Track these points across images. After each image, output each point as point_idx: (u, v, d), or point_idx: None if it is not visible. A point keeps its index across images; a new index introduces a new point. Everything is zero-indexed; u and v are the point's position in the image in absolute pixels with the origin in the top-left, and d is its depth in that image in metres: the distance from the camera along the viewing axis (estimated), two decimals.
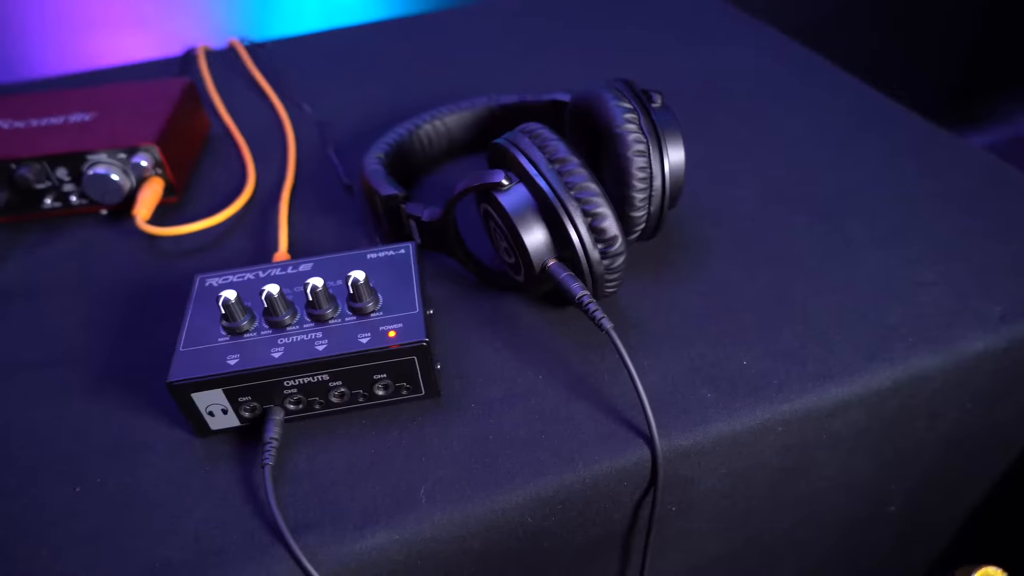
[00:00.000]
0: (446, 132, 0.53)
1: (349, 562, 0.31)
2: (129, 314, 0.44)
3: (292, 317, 0.36)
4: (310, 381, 0.35)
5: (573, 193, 0.36)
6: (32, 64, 1.16)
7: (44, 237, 0.51)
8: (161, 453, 0.36)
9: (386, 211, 0.44)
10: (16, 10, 1.15)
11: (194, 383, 0.34)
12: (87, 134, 0.51)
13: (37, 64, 1.17)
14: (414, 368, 0.35)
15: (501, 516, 0.33)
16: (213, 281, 0.39)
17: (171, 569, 0.31)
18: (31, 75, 0.74)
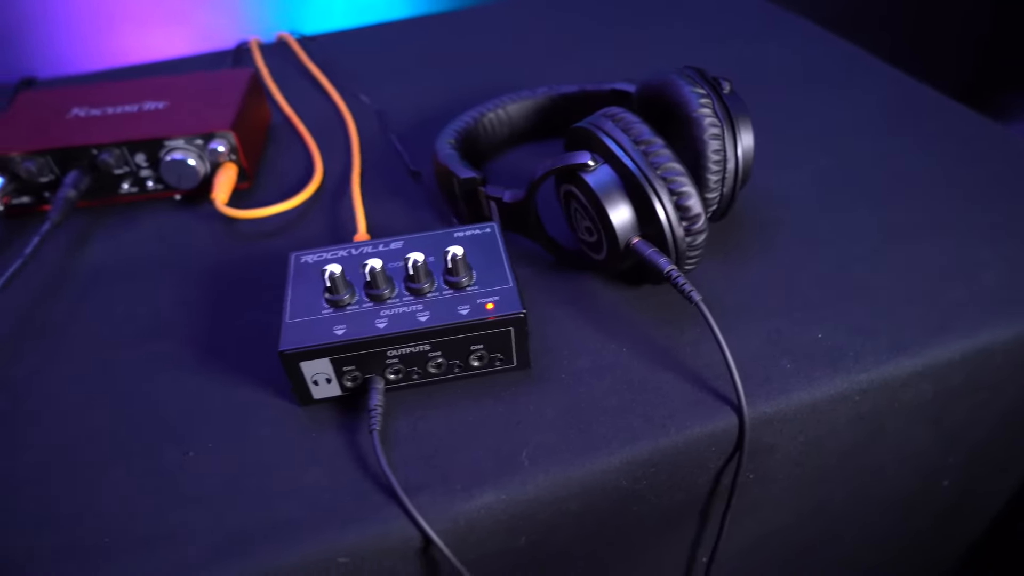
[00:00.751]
0: (508, 120, 0.55)
1: (459, 520, 0.33)
2: (217, 292, 0.45)
3: (391, 291, 0.37)
4: (411, 351, 0.36)
5: (659, 173, 0.38)
6: (63, 61, 1.18)
7: (123, 221, 0.52)
8: (267, 421, 0.37)
9: (463, 193, 0.46)
10: (47, 8, 1.17)
11: (303, 352, 0.35)
12: (164, 121, 0.52)
13: (67, 61, 1.18)
14: (509, 340, 0.37)
15: (599, 478, 0.35)
16: (308, 258, 0.40)
17: (291, 527, 0.32)
18: (61, 72, 0.75)
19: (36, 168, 0.51)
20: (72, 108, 0.55)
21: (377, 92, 0.66)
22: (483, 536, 0.34)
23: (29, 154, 0.50)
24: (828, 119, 0.57)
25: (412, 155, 0.57)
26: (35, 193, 0.52)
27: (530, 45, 0.73)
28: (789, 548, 0.48)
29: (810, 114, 0.58)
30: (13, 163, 0.51)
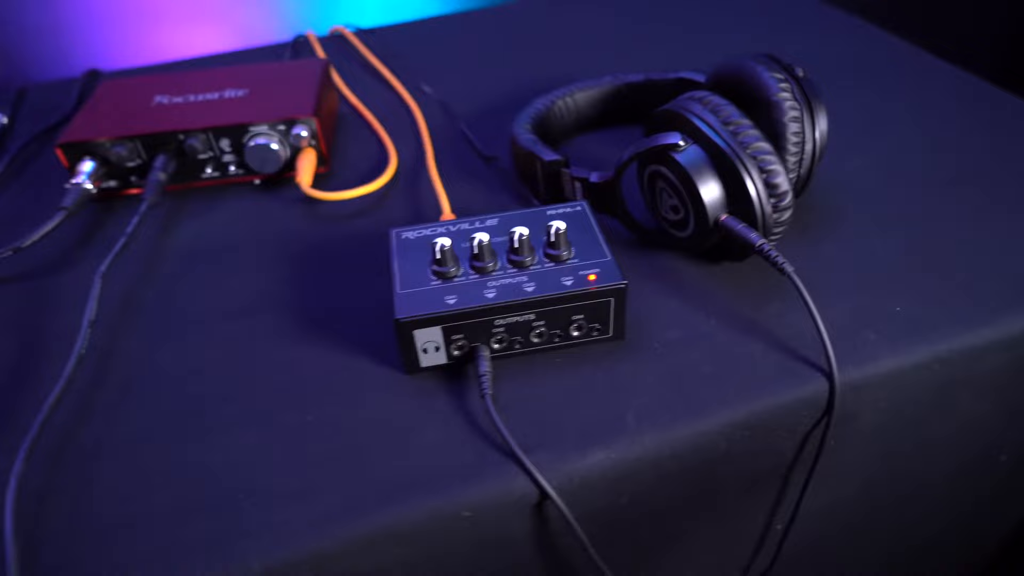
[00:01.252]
0: (575, 108, 0.57)
1: (573, 477, 0.35)
2: (308, 270, 0.47)
3: (495, 264, 0.39)
4: (517, 320, 0.38)
5: (748, 152, 0.40)
6: (104, 57, 1.19)
7: (206, 205, 0.54)
8: (377, 387, 0.39)
9: (545, 175, 0.48)
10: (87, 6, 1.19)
11: (417, 320, 0.37)
12: (247, 108, 0.54)
13: (108, 57, 1.20)
14: (608, 310, 0.39)
15: (697, 440, 0.37)
16: (409, 234, 0.42)
17: (416, 485, 0.34)
18: (102, 68, 0.77)
19: (126, 153, 0.52)
20: (155, 96, 0.56)
21: (435, 83, 0.68)
22: (591, 494, 0.36)
23: (119, 139, 0.52)
24: (879, 109, 0.59)
25: (483, 142, 0.59)
26: (122, 177, 0.54)
27: (574, 40, 0.74)
28: (852, 516, 0.50)
29: (861, 105, 0.60)
30: (103, 148, 0.52)
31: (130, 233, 0.47)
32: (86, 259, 0.49)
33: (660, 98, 0.56)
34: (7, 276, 0.48)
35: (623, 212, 0.46)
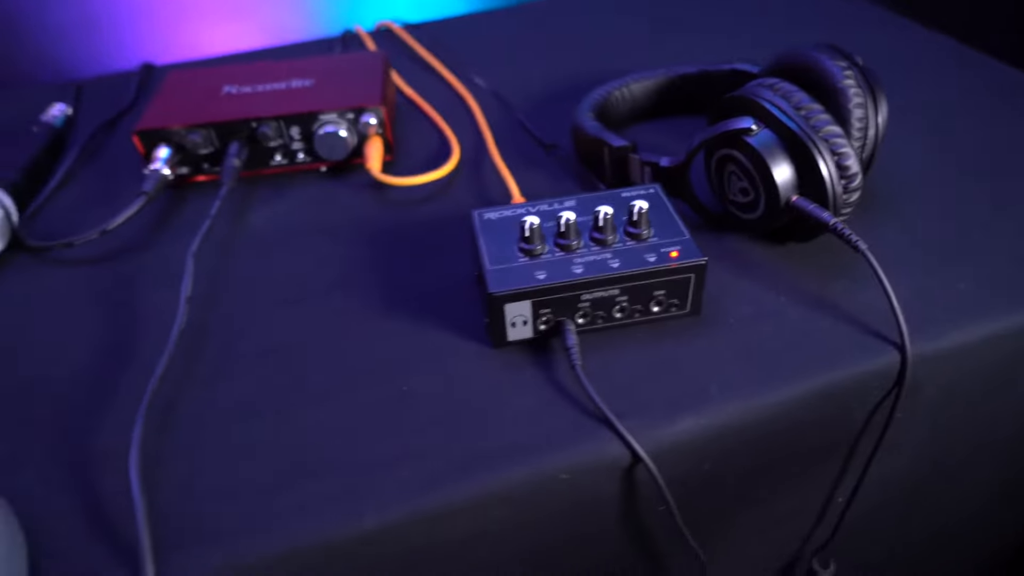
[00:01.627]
0: (631, 98, 0.58)
1: (664, 443, 0.37)
2: (383, 251, 0.49)
3: (579, 242, 0.41)
4: (602, 296, 0.40)
5: (820, 135, 0.41)
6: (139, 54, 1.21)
7: (277, 191, 0.56)
8: (466, 360, 0.41)
9: (613, 161, 0.49)
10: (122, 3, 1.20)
11: (509, 295, 0.39)
12: (316, 97, 0.56)
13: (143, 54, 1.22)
14: (688, 286, 0.41)
15: (776, 410, 0.39)
16: (491, 215, 0.44)
17: (517, 450, 0.36)
18: (125, 65, 0.78)
19: (200, 140, 0.54)
20: (224, 86, 0.58)
21: (484, 76, 0.69)
22: (677, 459, 0.38)
23: (193, 127, 0.54)
24: (922, 102, 0.61)
25: (540, 131, 0.60)
26: (194, 164, 0.56)
27: (605, 34, 0.76)
28: (903, 490, 0.52)
29: (905, 96, 0.62)
30: (178, 135, 0.54)
31: (214, 215, 0.49)
32: (165, 241, 0.51)
33: (713, 89, 0.58)
34: (95, 257, 0.50)
35: (691, 195, 0.48)
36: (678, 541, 0.42)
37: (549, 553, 0.39)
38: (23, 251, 0.51)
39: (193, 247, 0.46)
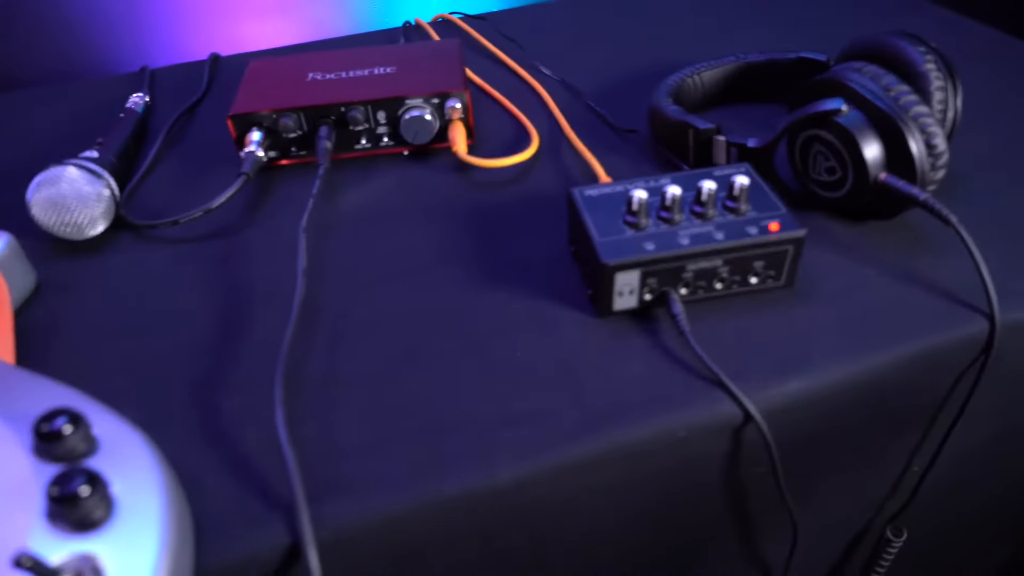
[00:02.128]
0: (701, 85, 0.61)
1: (774, 403, 0.39)
2: (479, 228, 0.51)
3: (680, 216, 0.43)
4: (705, 267, 0.42)
5: (910, 115, 0.44)
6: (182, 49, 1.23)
7: (363, 173, 0.58)
8: (574, 328, 0.43)
9: (698, 143, 0.51)
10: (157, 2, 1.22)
11: (621, 265, 0.41)
12: (400, 83, 0.58)
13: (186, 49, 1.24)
14: (785, 258, 0.43)
15: (870, 374, 0.41)
16: (591, 192, 0.46)
17: (634, 407, 0.38)
18: (180, 60, 0.80)
19: (291, 123, 0.56)
20: (308, 73, 0.60)
21: (549, 65, 0.71)
22: (785, 420, 0.40)
23: (285, 111, 0.56)
24: (973, 90, 0.63)
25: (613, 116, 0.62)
26: (281, 148, 0.58)
27: (652, 23, 0.78)
28: (977, 461, 0.54)
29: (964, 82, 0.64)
30: (269, 119, 0.56)
31: (315, 194, 0.51)
32: (262, 220, 0.53)
33: (781, 77, 0.60)
34: (200, 235, 0.52)
35: (773, 175, 0.50)
36: (771, 502, 0.44)
37: (653, 510, 0.41)
38: (126, 229, 0.53)
39: (303, 223, 0.48)
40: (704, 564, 0.48)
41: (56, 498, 0.29)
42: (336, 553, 0.34)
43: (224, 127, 0.65)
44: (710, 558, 0.47)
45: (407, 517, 0.35)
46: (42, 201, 0.49)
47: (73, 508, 0.29)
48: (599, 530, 0.41)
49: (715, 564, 0.48)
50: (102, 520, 0.30)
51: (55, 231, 0.50)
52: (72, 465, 0.31)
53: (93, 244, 0.52)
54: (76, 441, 0.32)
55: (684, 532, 0.44)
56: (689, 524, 0.44)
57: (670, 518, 0.42)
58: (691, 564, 0.47)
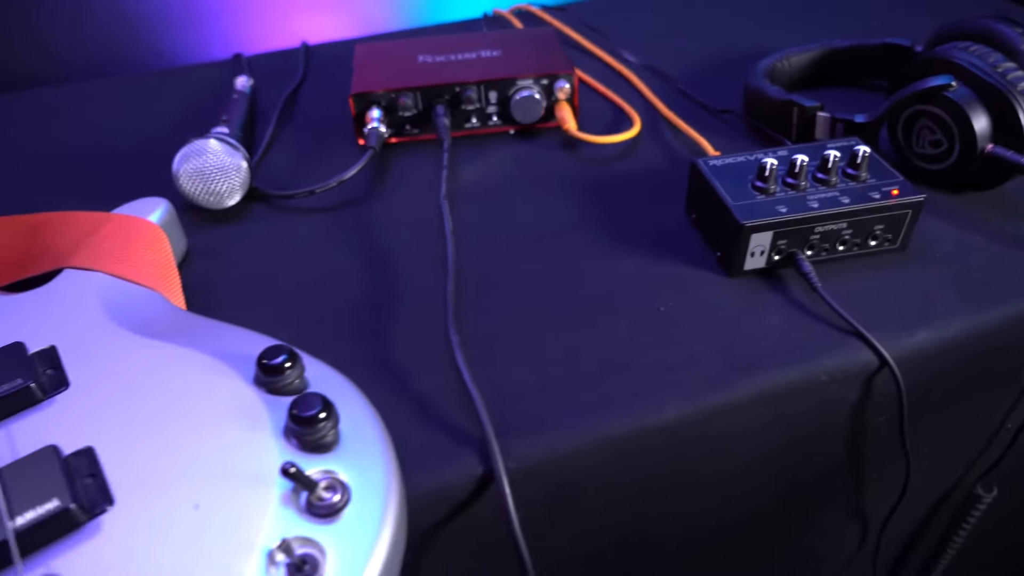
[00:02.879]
0: (789, 69, 0.64)
1: (905, 353, 0.42)
2: (596, 200, 0.54)
3: (805, 183, 0.46)
4: (831, 229, 0.45)
5: (1019, 89, 0.47)
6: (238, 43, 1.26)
7: (476, 150, 0.61)
8: (708, 286, 0.46)
9: (802, 120, 0.55)
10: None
11: (756, 226, 0.44)
12: (509, 65, 0.61)
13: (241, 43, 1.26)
14: (904, 222, 0.46)
15: (987, 331, 0.44)
16: (715, 163, 0.49)
17: (777, 355, 0.41)
18: (221, 55, 0.83)
19: (409, 102, 0.59)
20: (418, 56, 0.63)
21: (631, 52, 0.75)
22: (912, 369, 0.43)
23: (403, 90, 0.59)
24: None
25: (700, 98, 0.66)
26: (396, 126, 0.61)
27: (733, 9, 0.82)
28: None
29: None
30: (388, 98, 0.59)
31: (446, 166, 0.54)
32: (388, 192, 0.56)
33: (866, 62, 0.64)
34: (330, 206, 0.55)
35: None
36: (882, 454, 0.48)
37: (781, 456, 0.45)
38: (258, 200, 0.56)
39: (443, 191, 0.51)
40: (809, 515, 0.51)
41: (297, 418, 0.32)
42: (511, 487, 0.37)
43: (328, 107, 0.68)
44: (816, 509, 0.50)
45: (578, 454, 0.38)
46: (190, 171, 0.53)
47: (311, 430, 0.32)
48: (734, 476, 0.44)
49: (819, 515, 0.51)
50: (332, 445, 0.33)
51: (198, 200, 0.53)
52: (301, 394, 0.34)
53: (230, 213, 0.55)
54: (293, 377, 0.35)
55: (802, 479, 0.47)
56: (808, 472, 0.47)
57: (794, 465, 0.45)
58: (797, 515, 0.50)
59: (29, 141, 0.66)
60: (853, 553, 0.55)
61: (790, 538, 0.51)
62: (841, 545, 0.54)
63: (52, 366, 0.36)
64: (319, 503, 0.30)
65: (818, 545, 0.53)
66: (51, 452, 0.31)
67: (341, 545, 0.29)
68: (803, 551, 0.53)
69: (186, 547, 0.28)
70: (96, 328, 0.39)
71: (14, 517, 0.28)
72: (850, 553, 0.55)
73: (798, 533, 0.51)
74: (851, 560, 0.55)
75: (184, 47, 1.28)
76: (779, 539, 0.50)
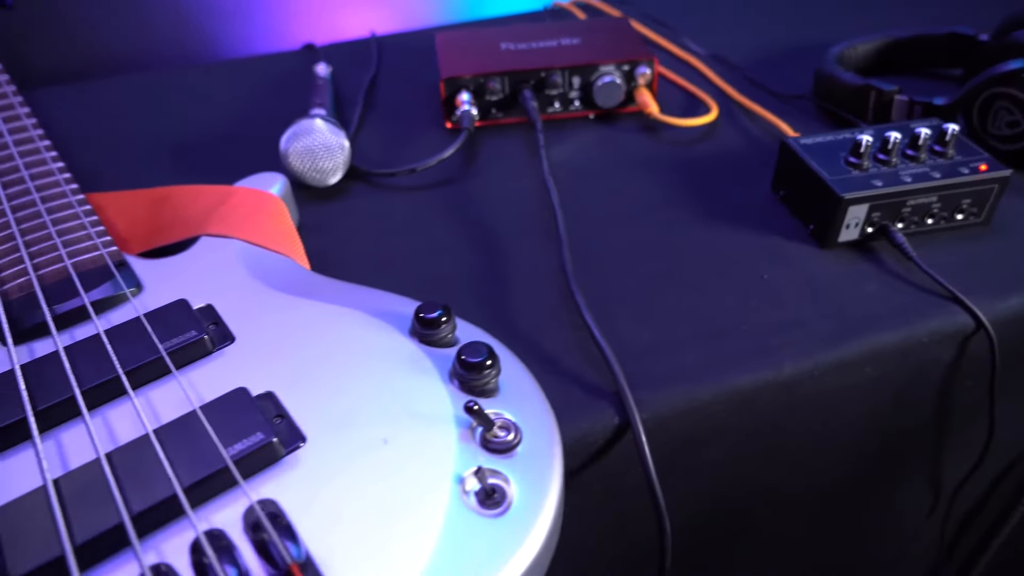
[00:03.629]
0: (855, 57, 0.67)
1: (999, 317, 0.44)
2: (685, 179, 0.57)
3: (896, 159, 0.49)
4: (922, 202, 0.48)
5: None
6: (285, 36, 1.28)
7: (560, 134, 0.63)
8: (804, 257, 0.49)
9: (879, 104, 0.57)
10: None
11: (855, 199, 0.47)
12: (591, 51, 0.64)
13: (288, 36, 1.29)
14: (990, 196, 0.49)
15: None
16: (806, 141, 0.52)
17: (880, 318, 0.44)
18: (285, 47, 0.86)
19: (498, 86, 0.62)
20: (500, 43, 0.66)
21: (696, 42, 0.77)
22: (1004, 333, 0.45)
23: (492, 75, 0.62)
24: None
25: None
26: (482, 110, 0.63)
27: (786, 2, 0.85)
28: None
29: None
30: (477, 83, 0.62)
31: (543, 147, 0.56)
32: (481, 171, 0.59)
33: (930, 50, 0.67)
34: (426, 184, 0.58)
35: None
36: (966, 418, 0.50)
37: (878, 414, 0.47)
38: (357, 179, 0.59)
39: (546, 168, 0.54)
40: (889, 480, 0.53)
41: (465, 364, 0.34)
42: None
43: (404, 93, 0.71)
44: (895, 471, 0.53)
45: (703, 406, 0.41)
46: (299, 150, 0.55)
47: (478, 375, 0.34)
48: (835, 431, 0.46)
49: (898, 479, 0.53)
50: (494, 392, 0.35)
51: (304, 178, 0.56)
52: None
53: (332, 191, 0.57)
54: (447, 331, 0.37)
55: (892, 438, 0.50)
56: (897, 432, 0.49)
57: (888, 424, 0.48)
58: (885, 473, 0.52)
59: (122, 124, 0.69)
60: (927, 513, 0.58)
61: (877, 492, 0.53)
62: (917, 505, 0.57)
63: (214, 322, 0.39)
64: (494, 440, 0.32)
65: (899, 503, 0.55)
66: (243, 393, 0.33)
67: (522, 477, 0.31)
68: (884, 509, 0.55)
69: (383, 475, 0.31)
70: (246, 288, 0.41)
71: (227, 448, 0.30)
72: (925, 513, 0.58)
73: (884, 489, 0.53)
74: (928, 515, 0.58)
75: (230, 40, 1.31)
76: (866, 494, 0.53)
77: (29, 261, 0.41)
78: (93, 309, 0.39)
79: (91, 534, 0.28)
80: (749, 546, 0.52)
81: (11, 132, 0.53)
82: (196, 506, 0.29)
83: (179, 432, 0.31)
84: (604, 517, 0.43)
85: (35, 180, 0.48)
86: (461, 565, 0.28)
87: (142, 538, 0.28)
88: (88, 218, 0.45)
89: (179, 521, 0.29)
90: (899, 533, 0.58)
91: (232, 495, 0.30)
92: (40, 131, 0.54)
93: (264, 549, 0.27)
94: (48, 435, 0.33)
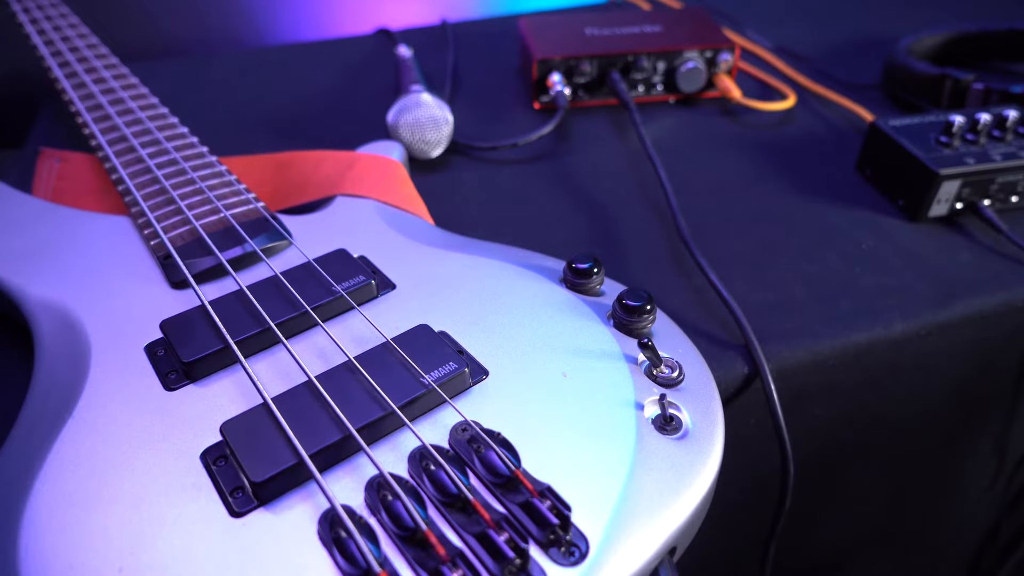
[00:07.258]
0: (920, 49, 0.70)
1: None
2: (768, 158, 0.60)
3: (985, 139, 0.52)
4: (1009, 180, 0.51)
5: None
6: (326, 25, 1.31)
7: (645, 116, 0.66)
8: (896, 230, 0.52)
9: (954, 91, 0.61)
10: None
11: (949, 175, 0.50)
12: (674, 38, 0.67)
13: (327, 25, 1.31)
14: None
15: None
16: (895, 123, 0.55)
17: (978, 283, 0.47)
18: (329, 35, 0.89)
19: (588, 69, 0.65)
20: (585, 28, 0.69)
21: (760, 34, 0.81)
22: None
23: (584, 57, 0.64)
24: None
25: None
26: (571, 91, 0.66)
27: None
28: None
29: None
30: (568, 64, 0.65)
31: (640, 123, 0.59)
32: (570, 150, 0.62)
33: (993, 45, 0.70)
34: (524, 159, 0.60)
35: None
36: None
37: (974, 373, 0.50)
38: (456, 153, 0.61)
39: (648, 143, 0.57)
40: (963, 444, 0.56)
41: (627, 307, 0.37)
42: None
43: (488, 76, 0.73)
44: (968, 438, 0.56)
45: (823, 360, 0.43)
46: (409, 122, 0.58)
47: (638, 319, 0.37)
48: (932, 388, 0.49)
49: (971, 446, 0.57)
50: (650, 336, 0.38)
51: (412, 149, 0.58)
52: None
53: (434, 164, 0.60)
54: (596, 281, 0.40)
55: (978, 400, 0.52)
56: (983, 395, 0.52)
57: (976, 385, 0.51)
58: (954, 440, 0.55)
59: (220, 96, 0.71)
60: (988, 484, 0.61)
61: (953, 455, 0.56)
62: (983, 472, 0.60)
63: (373, 271, 0.41)
64: (661, 375, 0.35)
65: (968, 468, 0.59)
66: (427, 328, 0.36)
67: (693, 408, 0.34)
68: (957, 475, 0.58)
69: (568, 402, 0.33)
70: (393, 242, 0.44)
71: (428, 374, 0.33)
72: (987, 484, 0.61)
73: (959, 451, 0.56)
74: (990, 485, 0.61)
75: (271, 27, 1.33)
76: (945, 458, 0.56)
77: (189, 212, 0.44)
78: (262, 255, 0.41)
79: (321, 444, 0.30)
80: (832, 498, 0.55)
81: (134, 99, 0.56)
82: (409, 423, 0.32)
83: (380, 359, 0.34)
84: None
85: (172, 142, 0.51)
86: (656, 481, 0.30)
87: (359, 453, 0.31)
88: (231, 175, 0.48)
89: (394, 434, 0.31)
90: (964, 497, 0.61)
91: (436, 414, 0.32)
92: (156, 99, 0.57)
93: (485, 460, 0.30)
94: (251, 360, 0.35)
